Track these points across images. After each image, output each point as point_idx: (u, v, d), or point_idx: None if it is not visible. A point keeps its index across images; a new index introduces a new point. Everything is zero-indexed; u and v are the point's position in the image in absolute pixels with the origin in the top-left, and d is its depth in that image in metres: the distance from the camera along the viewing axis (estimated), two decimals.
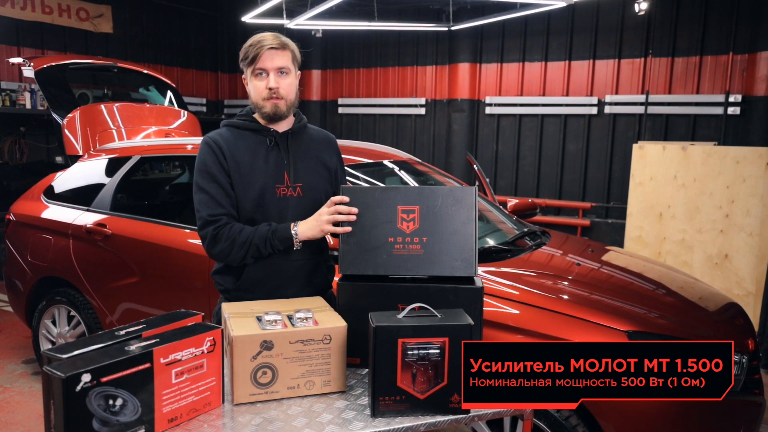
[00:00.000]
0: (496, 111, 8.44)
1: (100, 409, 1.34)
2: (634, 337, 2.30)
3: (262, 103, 1.99)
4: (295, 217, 2.00)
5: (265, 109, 1.99)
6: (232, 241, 1.94)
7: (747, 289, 4.87)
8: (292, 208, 2.02)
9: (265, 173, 2.01)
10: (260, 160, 2.02)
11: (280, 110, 1.99)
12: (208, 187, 1.99)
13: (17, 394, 3.82)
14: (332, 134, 2.25)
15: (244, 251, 1.95)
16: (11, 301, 4.25)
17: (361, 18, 8.05)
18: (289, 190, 2.02)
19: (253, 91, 2.00)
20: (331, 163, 2.14)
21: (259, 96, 1.98)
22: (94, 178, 3.89)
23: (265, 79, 1.96)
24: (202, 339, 1.54)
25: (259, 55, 1.93)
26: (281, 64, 1.96)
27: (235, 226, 1.97)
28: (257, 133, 2.05)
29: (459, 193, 1.84)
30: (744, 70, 6.90)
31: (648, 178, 5.27)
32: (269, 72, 1.95)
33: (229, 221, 1.98)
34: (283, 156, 2.04)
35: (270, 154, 2.03)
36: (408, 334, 1.54)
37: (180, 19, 9.77)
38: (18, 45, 7.67)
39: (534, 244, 3.29)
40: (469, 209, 1.82)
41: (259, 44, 1.94)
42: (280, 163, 2.03)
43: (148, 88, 5.70)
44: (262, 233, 1.94)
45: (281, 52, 1.95)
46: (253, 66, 1.95)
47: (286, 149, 2.04)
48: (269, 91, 1.95)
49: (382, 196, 1.84)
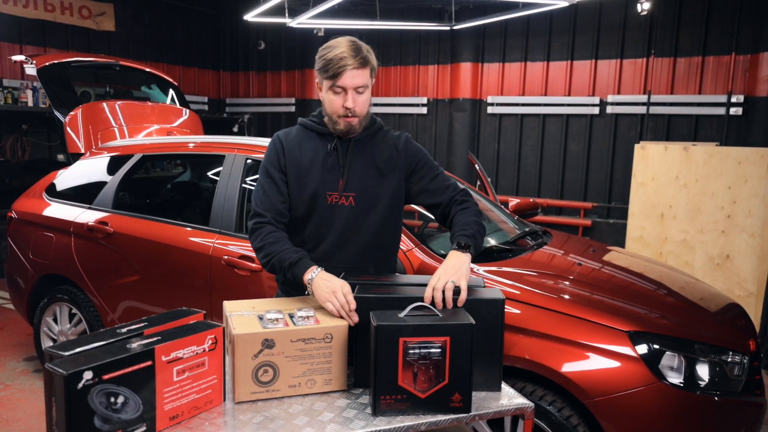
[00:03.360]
0: (498, 111, 8.43)
1: (101, 406, 1.35)
2: (635, 338, 2.30)
3: (336, 119, 1.96)
4: (345, 227, 1.98)
5: (338, 126, 1.97)
6: (261, 246, 1.95)
7: (748, 290, 4.86)
8: (343, 218, 1.99)
9: (320, 178, 1.99)
10: (318, 164, 2.00)
11: (354, 129, 1.98)
12: (264, 182, 2.02)
13: (18, 392, 3.83)
14: (406, 133, 2.14)
15: (266, 261, 1.95)
16: (13, 299, 4.26)
17: (364, 17, 8.04)
18: (341, 198, 1.99)
19: (329, 104, 1.95)
20: (396, 168, 2.05)
21: (334, 111, 1.95)
22: (95, 176, 3.89)
23: (342, 95, 1.91)
24: (204, 337, 1.55)
25: (340, 75, 1.87)
26: (361, 83, 1.91)
27: (273, 233, 1.96)
28: (322, 137, 2.04)
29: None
30: (746, 70, 6.89)
31: (650, 178, 5.26)
32: (348, 90, 1.90)
33: (271, 221, 1.98)
34: (341, 163, 2.00)
35: (328, 159, 2.00)
36: (409, 333, 1.54)
37: (182, 18, 9.77)
38: (20, 42, 7.67)
39: (535, 243, 3.29)
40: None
41: (342, 62, 1.86)
42: (336, 169, 2.00)
43: (150, 87, 5.70)
44: (284, 258, 1.89)
45: (362, 71, 1.90)
46: (332, 81, 1.89)
47: (345, 155, 2.01)
48: (345, 110, 1.92)
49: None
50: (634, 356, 2.25)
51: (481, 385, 1.71)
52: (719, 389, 2.35)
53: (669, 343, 2.32)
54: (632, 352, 2.26)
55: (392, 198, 2.06)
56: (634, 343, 2.28)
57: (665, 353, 2.30)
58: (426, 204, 2.14)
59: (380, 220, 2.05)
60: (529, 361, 2.32)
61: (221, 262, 3.06)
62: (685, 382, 2.29)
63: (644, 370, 2.24)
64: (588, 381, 2.24)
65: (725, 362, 2.40)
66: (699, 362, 2.35)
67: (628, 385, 2.22)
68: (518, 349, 2.34)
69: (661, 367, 2.28)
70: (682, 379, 2.29)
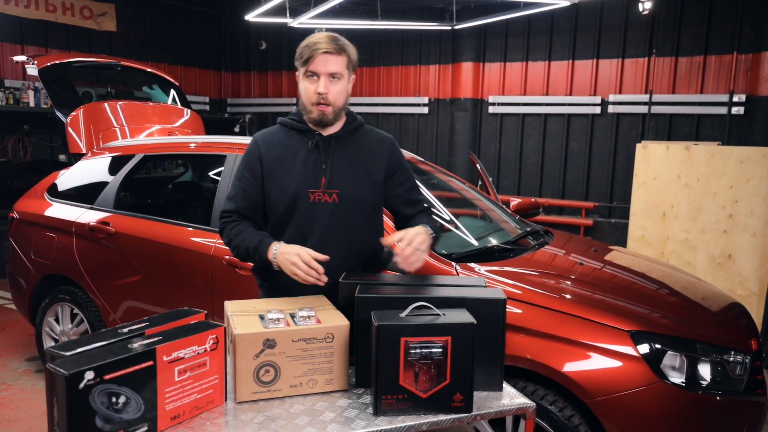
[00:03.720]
0: (499, 110, 8.43)
1: (103, 406, 1.35)
2: (637, 337, 2.29)
3: (309, 107, 1.95)
4: (329, 225, 1.98)
5: (311, 115, 1.96)
6: (228, 241, 2.02)
7: (750, 290, 4.85)
8: (327, 215, 1.98)
9: (301, 176, 1.98)
10: (299, 162, 1.99)
11: (327, 117, 1.96)
12: (236, 183, 2.05)
13: (20, 392, 3.83)
14: (389, 135, 2.16)
15: (236, 253, 2.01)
16: (15, 299, 4.26)
17: (365, 17, 8.04)
18: (324, 195, 1.98)
19: (303, 92, 1.96)
20: (379, 168, 2.06)
21: (307, 99, 1.95)
22: (97, 177, 3.89)
23: (315, 82, 1.91)
24: (205, 337, 1.55)
25: (313, 58, 1.88)
26: (334, 69, 1.91)
27: (237, 225, 2.00)
28: (303, 135, 2.03)
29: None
30: (748, 69, 6.88)
31: (651, 177, 5.25)
32: (321, 76, 1.90)
33: (237, 219, 2.02)
34: (322, 160, 1.99)
35: (309, 157, 1.99)
36: (411, 332, 1.54)
37: (183, 18, 9.77)
38: (22, 43, 7.68)
39: (537, 243, 3.28)
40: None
41: (314, 46, 1.89)
42: (318, 167, 1.99)
43: (151, 87, 5.70)
44: (249, 245, 1.94)
45: (336, 57, 1.90)
46: (306, 67, 1.91)
47: (326, 152, 2.00)
48: (318, 95, 1.91)
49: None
50: (636, 356, 2.25)
51: (482, 385, 1.71)
52: (721, 389, 2.35)
53: (671, 343, 2.32)
54: (634, 352, 2.26)
55: (376, 195, 2.07)
56: (635, 343, 2.27)
57: (667, 353, 2.29)
58: (396, 209, 2.16)
59: (365, 217, 2.05)
60: (530, 360, 2.32)
61: (222, 262, 3.06)
62: (687, 381, 2.28)
63: (646, 369, 2.23)
64: (589, 381, 2.24)
65: (727, 362, 2.39)
66: (701, 362, 2.35)
67: (630, 384, 2.22)
68: (520, 348, 2.33)
69: (663, 367, 2.27)
70: (684, 378, 2.29)
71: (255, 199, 2.03)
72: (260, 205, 2.05)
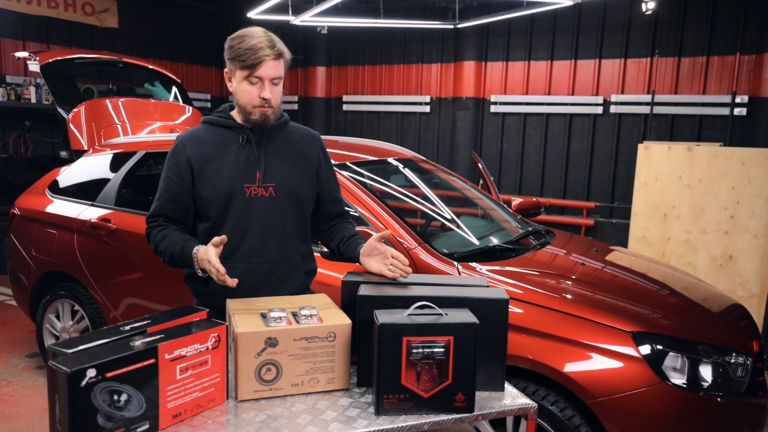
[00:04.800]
0: (501, 109, 8.42)
1: (104, 404, 1.35)
2: (638, 338, 2.29)
3: (251, 109, 1.92)
4: (267, 218, 1.96)
5: (253, 116, 1.93)
6: (155, 245, 2.00)
7: (751, 291, 4.85)
8: (264, 209, 1.97)
9: (234, 172, 1.95)
10: (230, 158, 1.97)
11: (269, 120, 1.95)
12: (161, 186, 2.02)
13: (21, 388, 3.84)
14: (316, 132, 2.17)
15: (163, 258, 1.98)
16: (15, 296, 4.27)
17: (367, 15, 8.03)
18: (260, 190, 1.96)
19: (242, 95, 1.92)
20: (311, 162, 2.07)
21: (249, 102, 1.91)
22: (98, 173, 3.89)
23: (258, 86, 1.89)
24: (207, 335, 1.54)
25: (260, 65, 1.86)
26: (277, 74, 1.90)
27: (161, 231, 1.99)
28: (231, 131, 2.00)
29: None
30: (751, 70, 6.87)
31: (653, 178, 5.25)
32: (265, 81, 1.89)
33: (162, 224, 2.00)
34: (255, 154, 1.97)
35: (242, 152, 1.97)
36: (413, 332, 1.54)
37: (185, 15, 9.77)
38: (23, 39, 7.68)
39: (538, 243, 3.28)
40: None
41: (260, 53, 1.84)
42: (251, 161, 1.97)
43: (153, 84, 5.70)
44: (173, 252, 1.92)
45: (277, 62, 1.89)
46: (250, 72, 1.87)
47: (259, 147, 1.98)
48: (263, 100, 1.90)
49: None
50: (637, 357, 2.25)
51: (484, 385, 1.71)
52: (722, 390, 2.35)
53: (672, 344, 2.32)
54: (635, 353, 2.25)
55: (310, 189, 2.07)
56: (637, 344, 2.27)
57: (668, 354, 2.29)
58: (319, 206, 2.14)
59: (301, 210, 2.04)
60: (531, 360, 2.31)
61: None
62: (688, 382, 2.28)
63: (647, 370, 2.23)
64: (591, 381, 2.24)
65: (728, 363, 2.39)
66: (702, 363, 2.34)
67: (631, 385, 2.22)
68: (521, 348, 2.33)
69: (664, 368, 2.27)
70: (685, 379, 2.28)
71: (181, 201, 1.99)
72: (187, 206, 2.00)
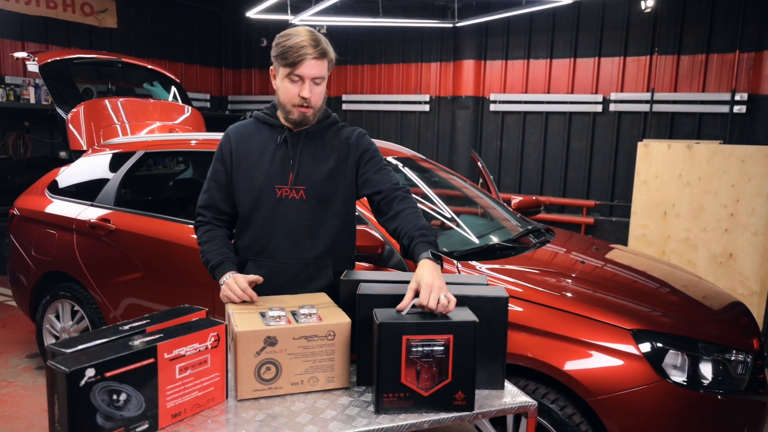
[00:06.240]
0: (501, 108, 8.42)
1: (104, 403, 1.34)
2: (638, 336, 2.29)
3: (290, 108, 1.93)
4: (295, 221, 1.96)
5: (292, 116, 1.94)
6: (200, 243, 2.05)
7: (751, 289, 4.85)
8: (293, 211, 1.97)
9: (268, 172, 1.97)
10: (267, 157, 1.98)
11: (308, 120, 1.95)
12: (209, 176, 2.07)
13: (21, 389, 3.84)
14: (361, 130, 2.09)
15: (201, 258, 2.03)
16: (15, 296, 4.26)
17: (366, 14, 8.03)
18: (291, 192, 1.96)
19: (284, 93, 1.92)
20: (347, 165, 2.01)
21: (289, 100, 1.92)
22: (98, 173, 3.89)
23: (299, 85, 1.89)
24: (206, 334, 1.54)
25: (301, 63, 1.85)
26: (319, 74, 1.89)
27: (208, 232, 2.04)
28: (273, 129, 2.01)
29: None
30: (750, 68, 6.86)
31: (653, 176, 5.25)
32: (305, 80, 1.88)
33: (210, 221, 2.06)
34: (291, 155, 1.97)
35: (278, 152, 1.98)
36: (412, 330, 1.53)
37: (184, 15, 9.76)
38: (22, 39, 7.68)
39: (538, 241, 3.28)
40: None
41: (302, 51, 1.84)
42: (286, 162, 1.97)
43: (152, 84, 5.69)
44: (209, 259, 1.97)
45: (320, 61, 1.88)
46: (291, 70, 1.87)
47: (295, 148, 1.98)
48: (302, 99, 1.89)
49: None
50: (637, 354, 2.25)
51: (484, 383, 1.71)
52: (722, 388, 2.35)
53: (672, 342, 2.32)
54: (635, 351, 2.25)
55: (345, 192, 2.02)
56: (637, 342, 2.27)
57: (668, 351, 2.29)
58: (367, 194, 2.03)
59: (333, 214, 2.01)
60: (531, 359, 2.31)
61: None
62: (689, 380, 2.28)
63: (647, 368, 2.23)
64: (591, 379, 2.24)
65: (728, 361, 2.39)
66: (702, 361, 2.34)
67: (631, 383, 2.22)
68: (521, 347, 2.33)
69: (665, 366, 2.27)
70: (686, 377, 2.28)
71: (229, 191, 2.05)
72: (232, 197, 2.05)
